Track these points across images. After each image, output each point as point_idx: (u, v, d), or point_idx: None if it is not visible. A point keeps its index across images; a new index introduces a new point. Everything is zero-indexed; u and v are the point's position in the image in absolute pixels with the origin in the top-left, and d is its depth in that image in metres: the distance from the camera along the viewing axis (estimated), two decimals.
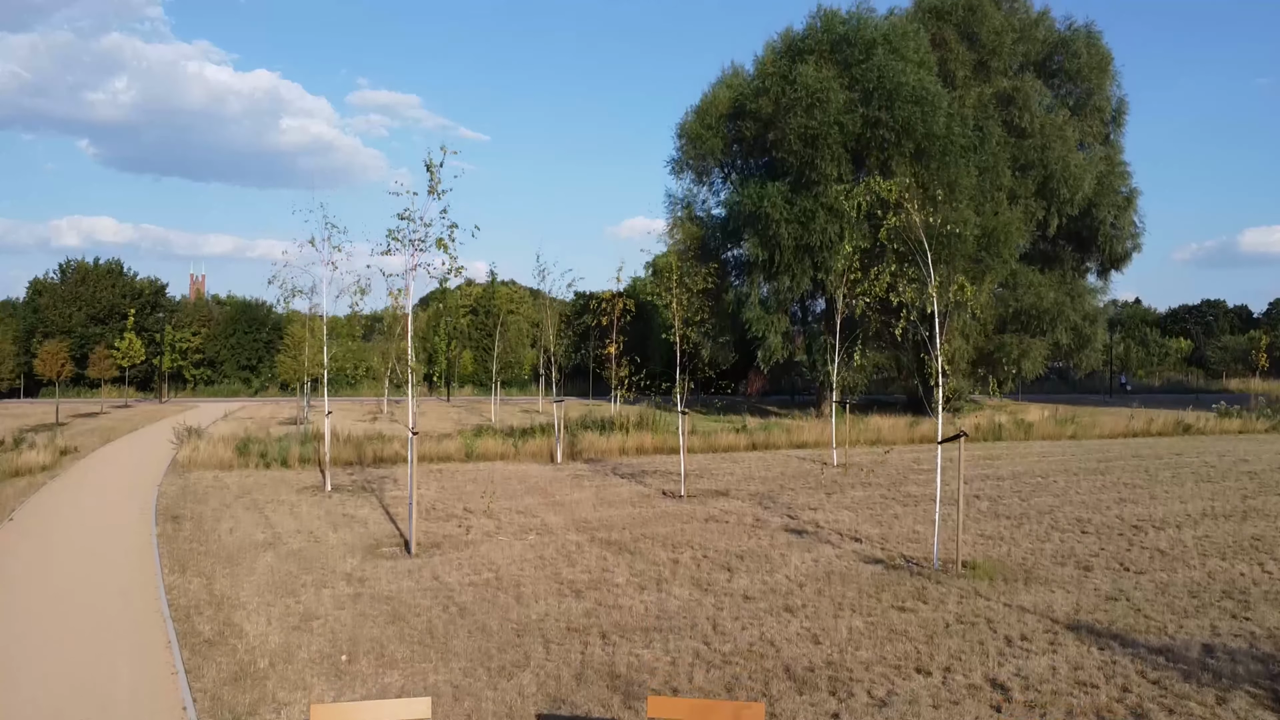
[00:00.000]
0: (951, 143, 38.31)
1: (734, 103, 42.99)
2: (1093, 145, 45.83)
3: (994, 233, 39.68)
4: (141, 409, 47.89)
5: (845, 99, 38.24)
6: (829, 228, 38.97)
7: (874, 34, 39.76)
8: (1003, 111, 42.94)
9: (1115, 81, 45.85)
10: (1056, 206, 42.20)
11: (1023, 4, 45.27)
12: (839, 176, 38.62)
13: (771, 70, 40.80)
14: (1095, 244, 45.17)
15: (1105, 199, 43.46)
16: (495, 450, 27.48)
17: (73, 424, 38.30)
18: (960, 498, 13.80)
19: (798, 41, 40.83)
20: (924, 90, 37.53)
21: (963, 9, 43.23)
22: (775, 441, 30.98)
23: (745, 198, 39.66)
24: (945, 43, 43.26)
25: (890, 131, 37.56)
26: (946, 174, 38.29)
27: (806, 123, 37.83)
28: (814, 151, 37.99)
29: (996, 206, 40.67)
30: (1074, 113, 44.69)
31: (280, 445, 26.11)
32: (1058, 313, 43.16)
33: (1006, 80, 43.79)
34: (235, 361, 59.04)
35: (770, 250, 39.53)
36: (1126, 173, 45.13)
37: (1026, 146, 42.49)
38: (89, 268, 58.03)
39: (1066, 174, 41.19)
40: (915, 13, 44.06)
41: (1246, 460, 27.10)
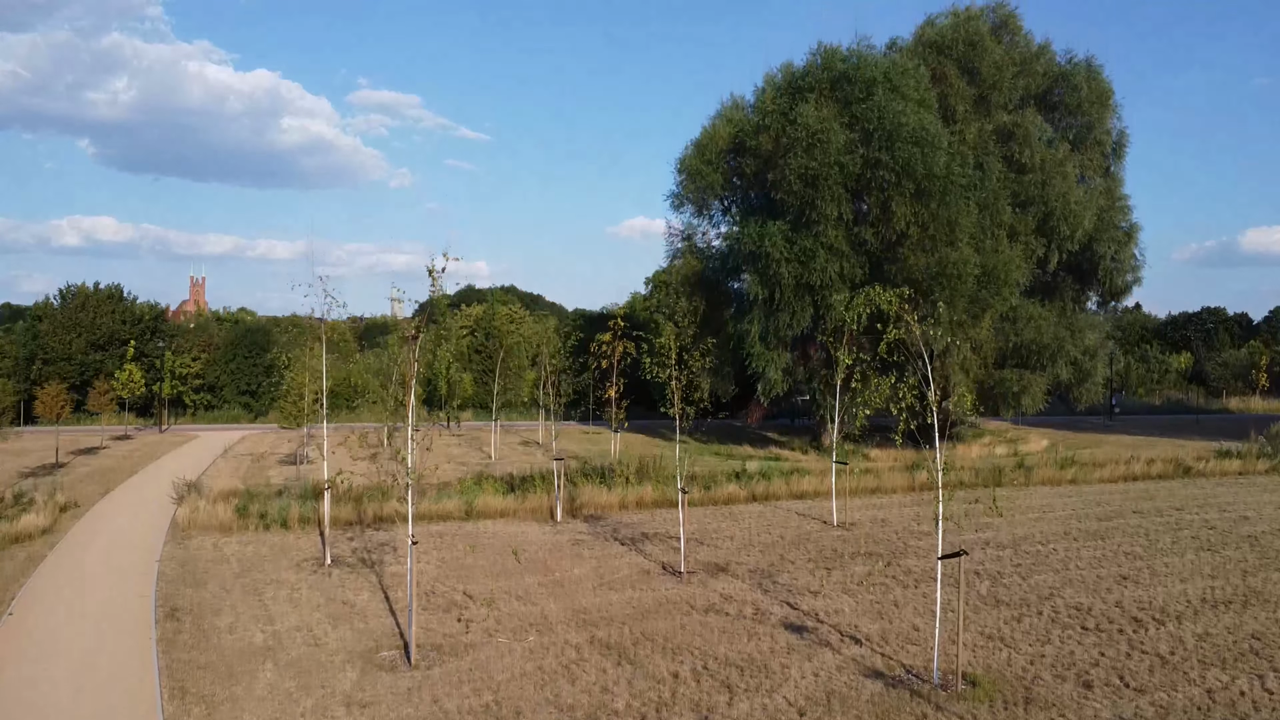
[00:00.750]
0: (952, 182, 38.27)
1: (734, 138, 42.97)
2: (1093, 178, 45.81)
3: (994, 271, 39.66)
4: (142, 440, 47.88)
5: (845, 139, 38.22)
6: (829, 267, 38.98)
7: (874, 72, 39.70)
8: (1003, 146, 42.91)
9: (1116, 114, 45.94)
10: (1057, 243, 42.21)
11: (1023, 37, 45.26)
12: (839, 216, 38.61)
13: (772, 108, 40.78)
14: (1095, 277, 45.17)
15: (1105, 234, 43.45)
16: (495, 507, 27.47)
17: (72, 464, 38.30)
18: (960, 610, 13.80)
19: (798, 79, 40.80)
20: (924, 131, 37.50)
21: (963, 44, 43.19)
22: (775, 493, 30.90)
23: (745, 236, 39.66)
24: (945, 78, 43.21)
25: (890, 172, 37.54)
26: (947, 213, 38.29)
27: (807, 163, 37.81)
28: (814, 192, 37.97)
29: (997, 244, 40.64)
30: (1074, 146, 44.68)
31: (280, 506, 26.08)
32: (1058, 348, 43.15)
33: (1007, 115, 43.76)
34: (235, 386, 59.06)
35: (770, 288, 39.54)
36: (1127, 207, 45.18)
37: (1027, 182, 42.47)
38: (89, 293, 58.04)
39: (1067, 211, 41.18)
40: (915, 47, 44.03)
41: (1247, 518, 27.07)
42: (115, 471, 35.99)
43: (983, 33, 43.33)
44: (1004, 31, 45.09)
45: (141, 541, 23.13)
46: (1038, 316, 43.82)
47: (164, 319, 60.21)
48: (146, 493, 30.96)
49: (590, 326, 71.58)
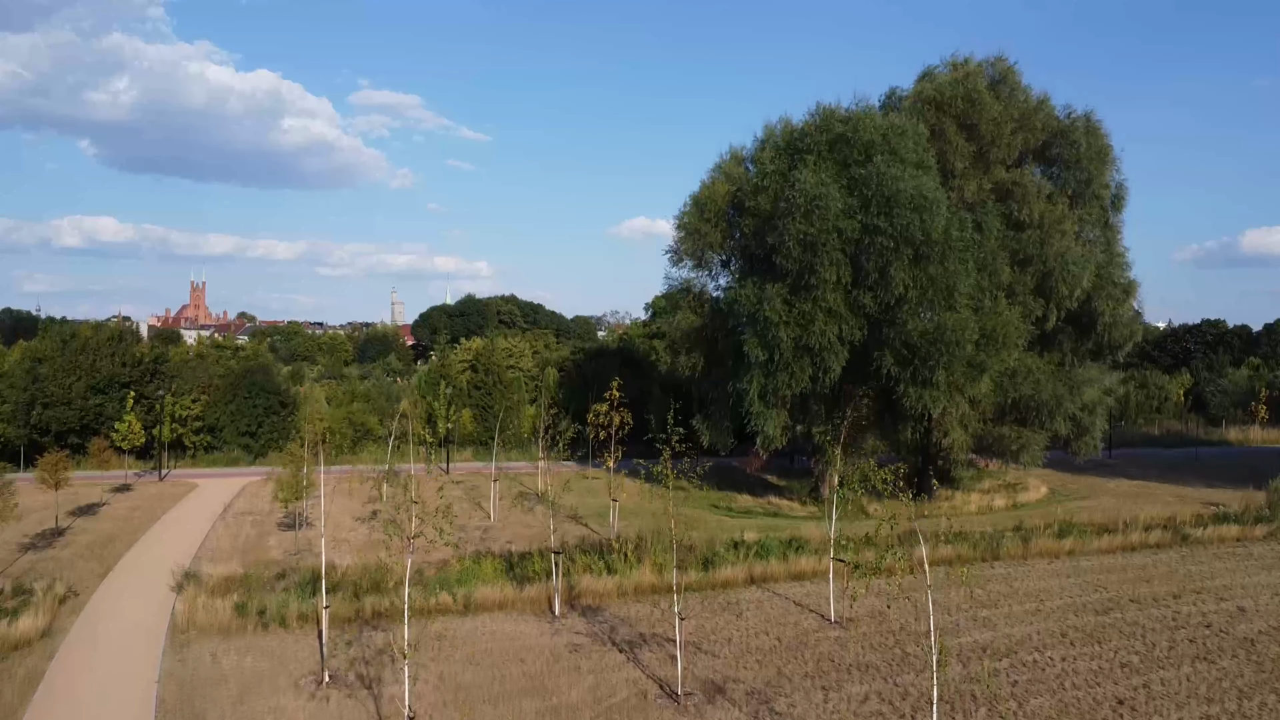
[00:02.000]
0: (950, 246, 38.34)
1: (733, 196, 43.04)
2: (1092, 230, 45.81)
3: (993, 332, 39.76)
4: (142, 493, 47.87)
5: (844, 204, 38.27)
6: (828, 330, 39.03)
7: (872, 135, 39.77)
8: (1001, 204, 42.96)
9: (1115, 167, 45.89)
10: (1055, 302, 42.27)
11: (1022, 92, 45.24)
12: (838, 279, 38.67)
13: (771, 168, 40.86)
14: (1094, 330, 45.16)
15: (1104, 290, 43.49)
16: (494, 599, 27.54)
17: (72, 529, 38.40)
18: None
19: (796, 139, 40.87)
20: (922, 197, 37.54)
21: (962, 100, 43.21)
22: (773, 574, 30.91)
23: (744, 298, 39.73)
24: (944, 134, 43.26)
25: (889, 238, 37.58)
26: (945, 277, 38.34)
27: (805, 229, 37.86)
28: (813, 256, 38.03)
29: (996, 305, 40.72)
30: (1073, 201, 44.70)
31: (278, 601, 26.10)
32: (1056, 405, 43.19)
33: (1005, 171, 43.83)
34: (235, 428, 59.12)
35: (770, 350, 39.60)
36: (1125, 262, 45.20)
37: (1025, 239, 42.51)
38: (89, 336, 58.12)
39: (1065, 272, 41.24)
40: (914, 104, 44.05)
41: (1243, 609, 27.11)
42: (114, 542, 36.02)
43: (981, 89, 43.34)
44: (1002, 85, 45.08)
45: (141, 651, 23.16)
46: (1036, 369, 43.85)
47: (163, 361, 60.22)
48: (145, 574, 30.99)
49: (590, 362, 71.64)
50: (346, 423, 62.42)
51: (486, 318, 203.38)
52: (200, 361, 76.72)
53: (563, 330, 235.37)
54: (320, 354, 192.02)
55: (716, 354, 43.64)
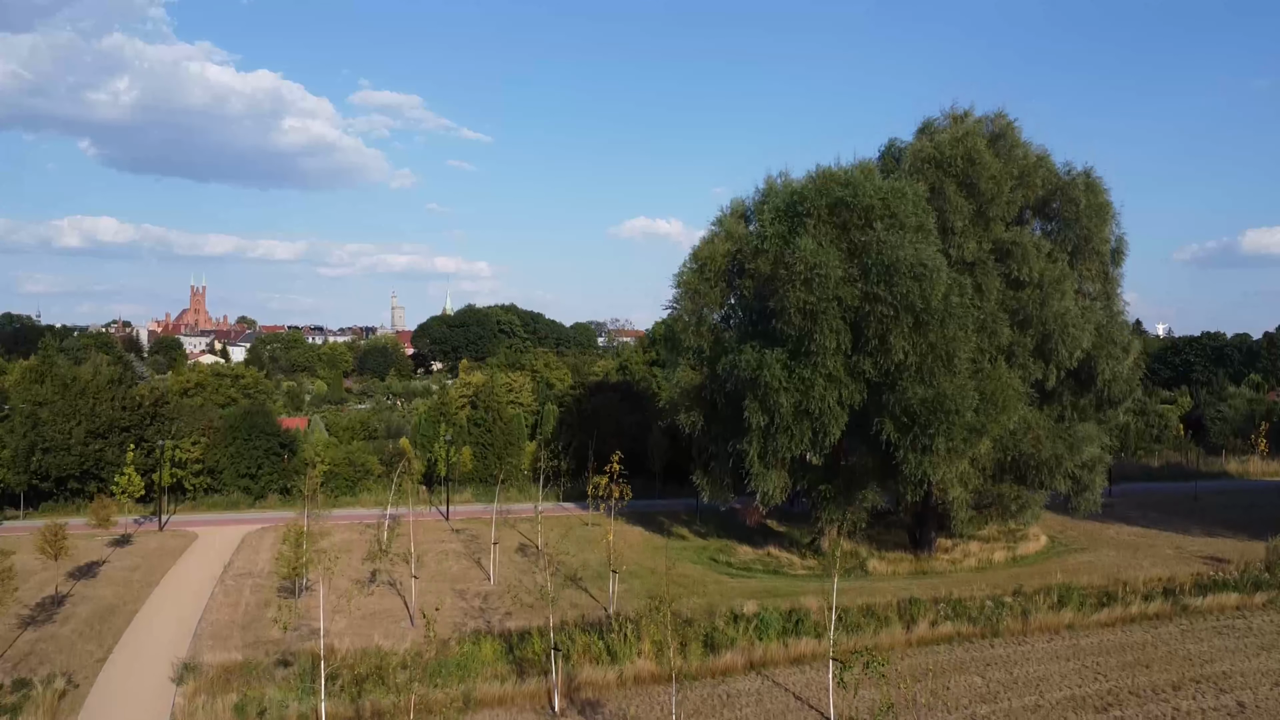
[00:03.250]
0: (950, 314, 38.38)
1: (733, 256, 43.07)
2: (1093, 282, 45.82)
3: (992, 396, 39.79)
4: (141, 547, 47.72)
5: (844, 272, 38.30)
6: (828, 395, 39.08)
7: (871, 199, 39.79)
8: (1001, 264, 42.97)
9: (1114, 221, 45.87)
10: (1055, 364, 42.29)
11: (1021, 148, 45.22)
12: (838, 346, 38.67)
13: (771, 231, 40.83)
14: (1094, 386, 45.15)
15: (1104, 350, 43.48)
16: (494, 694, 27.52)
17: (72, 596, 38.46)
18: None
19: (796, 201, 40.79)
20: (922, 266, 37.58)
21: (962, 159, 43.21)
22: (773, 657, 30.89)
23: (744, 364, 39.74)
24: (944, 193, 43.27)
25: (889, 306, 37.62)
26: (945, 344, 38.38)
27: (806, 297, 37.89)
28: (813, 324, 38.07)
29: (995, 369, 40.78)
30: (1073, 257, 44.71)
31: (279, 702, 26.11)
32: (1056, 464, 43.20)
33: (1005, 230, 43.82)
34: (235, 470, 59.12)
35: (769, 414, 39.65)
36: (1124, 321, 45.21)
37: (1025, 299, 42.52)
38: (89, 380, 58.13)
39: (1065, 335, 41.27)
40: (914, 162, 44.06)
41: (1243, 706, 27.13)
42: (114, 614, 36.06)
43: (981, 148, 43.35)
44: (1002, 142, 45.10)
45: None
46: (1036, 425, 43.84)
47: (163, 404, 60.22)
48: (144, 658, 31.01)
49: (591, 398, 71.67)
50: (346, 462, 62.42)
51: (486, 328, 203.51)
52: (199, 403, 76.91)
53: (563, 340, 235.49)
54: (320, 364, 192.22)
55: (716, 413, 43.63)
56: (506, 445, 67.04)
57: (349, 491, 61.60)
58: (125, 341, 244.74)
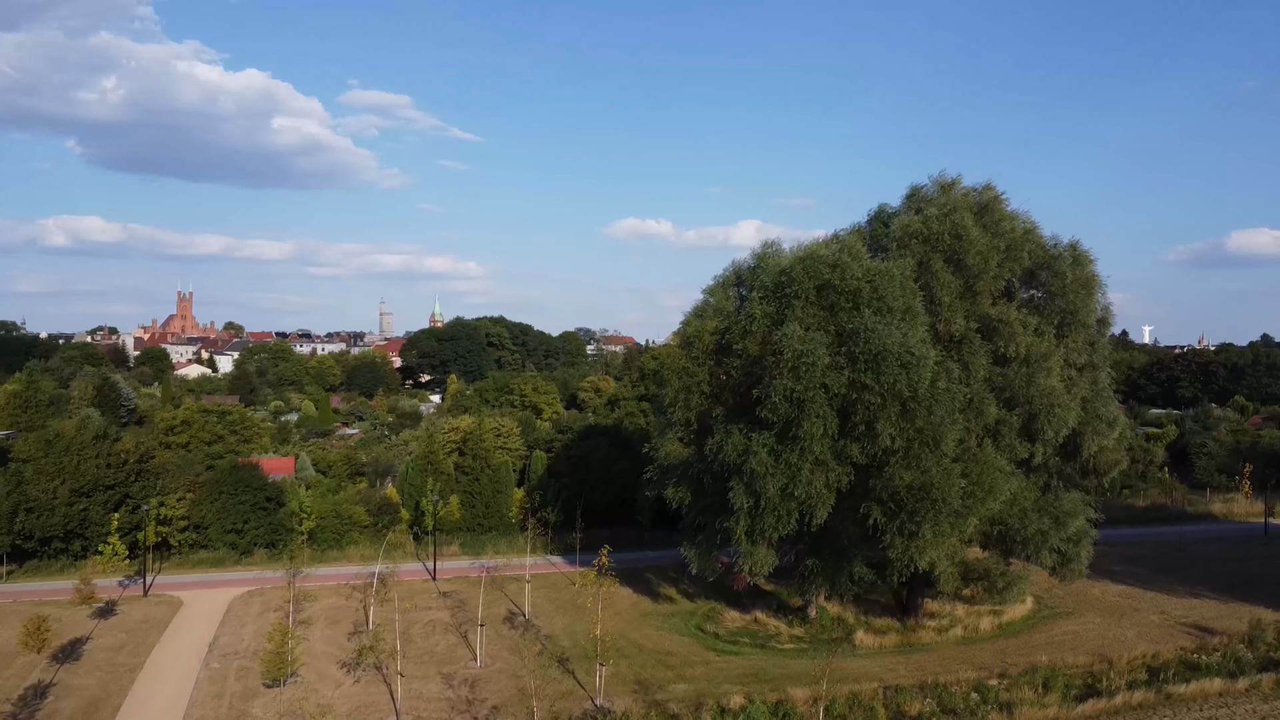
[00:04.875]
0: (936, 399, 38.45)
1: (720, 336, 43.04)
2: (1079, 353, 45.89)
3: (979, 479, 39.97)
4: (125, 617, 47.18)
5: (831, 360, 38.33)
6: (814, 480, 39.14)
7: (858, 283, 39.84)
8: (987, 340, 43.08)
9: (1101, 292, 46.00)
10: (1042, 443, 42.42)
11: (1008, 220, 45.22)
12: (825, 431, 38.67)
13: (758, 312, 40.87)
14: (1079, 459, 45.36)
15: (1090, 425, 43.67)
16: None
17: (55, 689, 38.15)
18: None
19: (784, 283, 40.75)
20: (909, 354, 37.65)
21: (949, 235, 43.30)
22: None
23: (730, 448, 39.75)
24: (930, 268, 43.38)
25: (876, 395, 37.66)
26: (931, 430, 38.46)
27: (793, 386, 37.91)
28: (800, 412, 38.06)
29: (982, 450, 40.93)
30: (1059, 330, 44.83)
31: None
32: (1042, 540, 43.48)
33: (992, 305, 43.93)
34: (221, 525, 58.75)
35: (755, 498, 39.67)
36: (1109, 396, 45.34)
37: (1011, 375, 42.65)
38: (73, 437, 57.72)
39: (1051, 415, 41.41)
40: (901, 237, 44.11)
41: None
42: (99, 709, 35.83)
43: (968, 223, 43.42)
44: (988, 214, 45.16)
45: None
46: (1021, 497, 44.00)
47: (148, 460, 59.87)
48: None
49: (579, 444, 71.55)
50: (333, 515, 62.17)
51: (475, 341, 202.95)
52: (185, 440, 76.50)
53: (551, 351, 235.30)
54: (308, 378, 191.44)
55: (703, 489, 43.63)
56: (494, 494, 66.91)
57: (336, 545, 61.36)
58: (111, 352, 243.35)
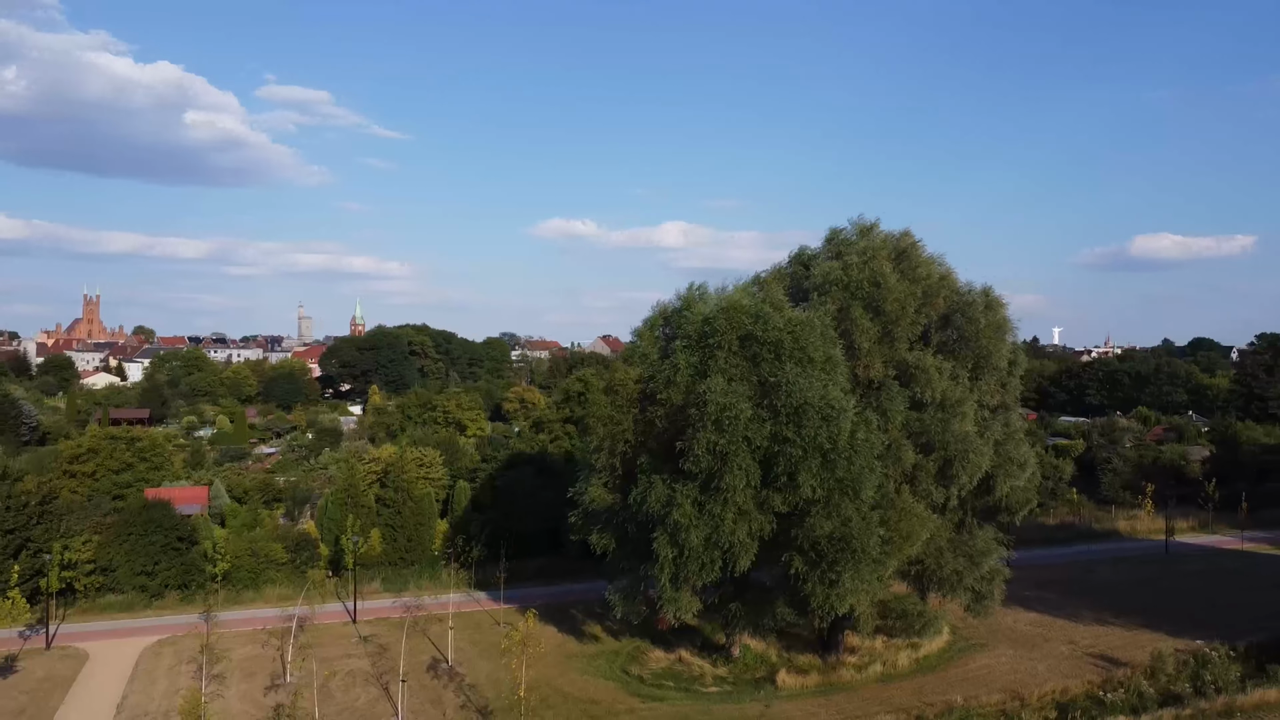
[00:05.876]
0: (856, 450, 39.20)
1: (645, 384, 43.19)
2: (992, 394, 47.26)
3: (897, 526, 40.92)
4: (27, 678, 44.80)
5: (754, 413, 38.78)
6: (738, 529, 39.55)
7: (780, 334, 40.42)
8: (904, 387, 44.05)
9: (1012, 336, 47.48)
10: (957, 488, 43.59)
11: (925, 266, 46.31)
12: (747, 482, 39.12)
13: (682, 362, 41.13)
14: (992, 498, 46.77)
15: (1002, 468, 45.07)
16: None
17: None
18: None
19: (708, 333, 41.09)
20: (830, 407, 38.33)
21: (868, 283, 44.19)
22: None
23: (653, 499, 39.94)
24: (850, 315, 44.20)
25: (798, 447, 38.22)
26: (852, 480, 39.22)
27: (716, 439, 38.26)
28: (723, 465, 38.44)
29: (900, 497, 41.91)
30: (973, 374, 46.09)
31: None
32: (957, 580, 44.70)
33: (909, 350, 44.95)
34: (131, 568, 56.66)
35: (679, 549, 39.94)
36: (1020, 438, 46.84)
37: (928, 420, 43.69)
38: None
39: (965, 461, 42.57)
40: (822, 283, 44.86)
41: None
42: None
43: (886, 271, 44.40)
44: (906, 261, 46.23)
45: None
46: (937, 535, 45.19)
47: (51, 500, 57.46)
48: None
49: (504, 473, 71.07)
50: (249, 554, 60.55)
51: (397, 350, 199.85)
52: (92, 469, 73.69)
53: (475, 359, 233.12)
54: (223, 389, 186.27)
55: (628, 537, 43.73)
56: (417, 526, 65.99)
57: (252, 585, 59.78)
58: (11, 360, 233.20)
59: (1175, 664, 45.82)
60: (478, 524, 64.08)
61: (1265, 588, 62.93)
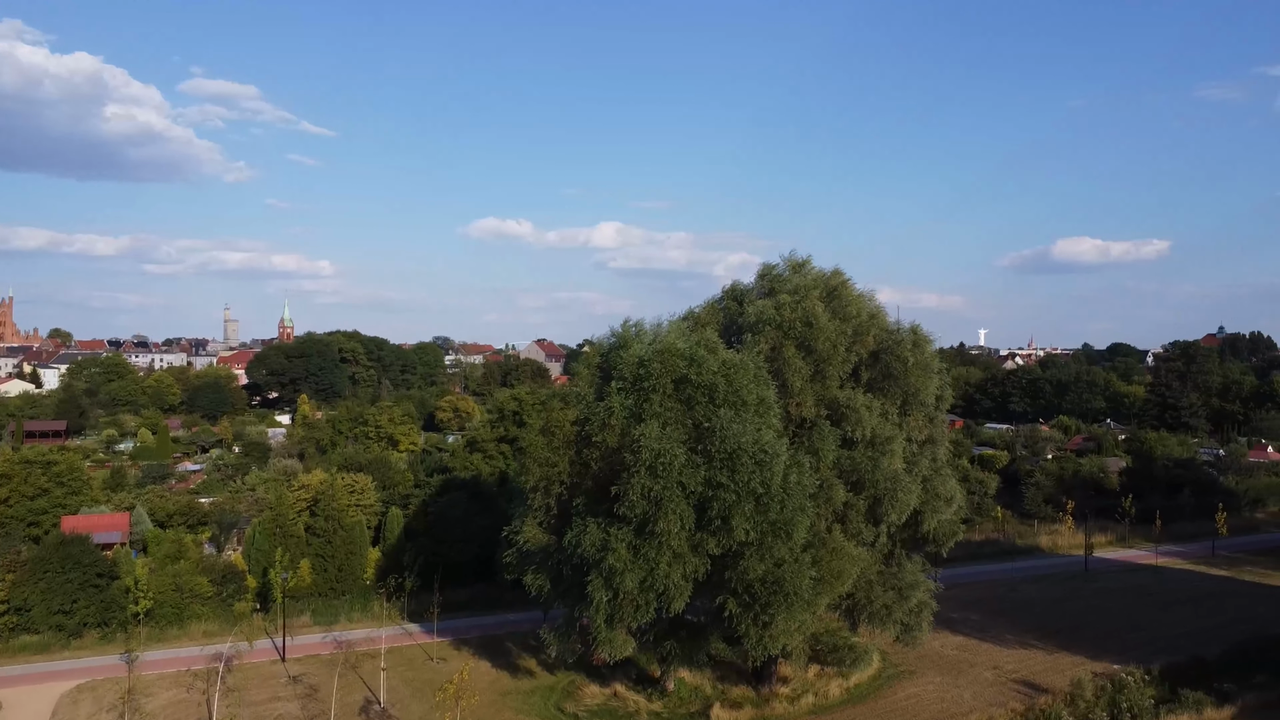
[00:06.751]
0: (789, 493, 39.69)
1: (581, 425, 43.14)
2: (920, 429, 48.22)
3: (829, 566, 41.59)
4: None
5: (688, 459, 39.03)
6: (672, 572, 39.72)
7: (714, 377, 40.74)
8: (835, 426, 44.72)
9: (940, 375, 48.55)
10: (886, 525, 44.45)
11: (855, 304, 47.06)
12: (681, 526, 39.35)
13: (616, 405, 41.17)
14: (919, 532, 47.80)
15: (929, 505, 46.08)
16: None
17: None
18: None
19: (643, 376, 41.20)
20: (763, 452, 38.76)
21: (800, 323, 44.76)
22: None
23: (588, 543, 39.92)
24: (783, 355, 44.74)
25: (732, 492, 38.56)
26: (784, 522, 39.72)
27: (650, 484, 38.41)
28: (657, 510, 38.60)
29: (831, 536, 42.58)
30: (902, 410, 47.02)
31: None
32: (886, 614, 45.59)
33: (840, 388, 45.64)
34: (47, 606, 54.63)
35: (613, 591, 39.99)
36: (947, 473, 47.96)
37: (858, 458, 44.37)
38: None
39: (894, 500, 43.40)
40: (755, 322, 45.34)
41: None
42: None
43: (818, 311, 45.01)
44: (836, 299, 46.94)
45: None
46: (867, 569, 46.02)
47: None
48: None
49: (438, 497, 70.35)
50: (172, 588, 58.90)
51: (327, 358, 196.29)
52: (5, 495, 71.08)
53: (408, 366, 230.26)
54: (144, 398, 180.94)
55: (562, 578, 43.65)
56: (348, 555, 64.97)
57: (176, 621, 58.18)
58: None
59: (1094, 690, 47.35)
60: (411, 553, 63.24)
61: (1178, 603, 65.56)
